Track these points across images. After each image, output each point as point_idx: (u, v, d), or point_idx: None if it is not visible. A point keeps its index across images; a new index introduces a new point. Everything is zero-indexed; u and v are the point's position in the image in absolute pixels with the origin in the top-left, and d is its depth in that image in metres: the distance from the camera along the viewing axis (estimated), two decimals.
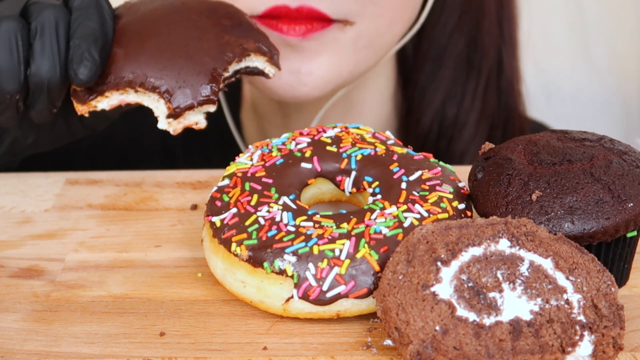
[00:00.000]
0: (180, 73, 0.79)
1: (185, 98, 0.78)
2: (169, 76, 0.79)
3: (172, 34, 0.81)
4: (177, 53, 0.80)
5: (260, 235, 0.70)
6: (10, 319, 0.71)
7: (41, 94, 0.79)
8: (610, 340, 0.63)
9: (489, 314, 0.64)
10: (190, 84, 0.79)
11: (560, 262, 0.66)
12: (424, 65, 1.12)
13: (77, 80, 0.78)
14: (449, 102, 1.12)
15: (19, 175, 0.91)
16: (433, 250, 0.66)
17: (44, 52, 0.78)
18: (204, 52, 0.80)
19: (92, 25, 0.79)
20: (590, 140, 0.74)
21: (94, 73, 0.78)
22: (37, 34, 0.78)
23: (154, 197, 0.87)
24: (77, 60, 0.78)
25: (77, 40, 0.78)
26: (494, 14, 1.11)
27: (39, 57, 0.78)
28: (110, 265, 0.77)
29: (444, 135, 1.12)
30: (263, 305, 0.70)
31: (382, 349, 0.67)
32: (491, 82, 1.13)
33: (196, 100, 0.78)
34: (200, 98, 0.79)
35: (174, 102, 0.78)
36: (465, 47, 1.11)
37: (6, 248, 0.80)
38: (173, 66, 0.79)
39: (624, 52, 1.56)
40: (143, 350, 0.68)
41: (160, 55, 0.80)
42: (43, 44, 0.78)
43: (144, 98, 0.80)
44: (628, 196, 0.69)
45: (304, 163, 0.77)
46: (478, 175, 0.75)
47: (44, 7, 0.79)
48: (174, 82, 0.79)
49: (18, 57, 0.78)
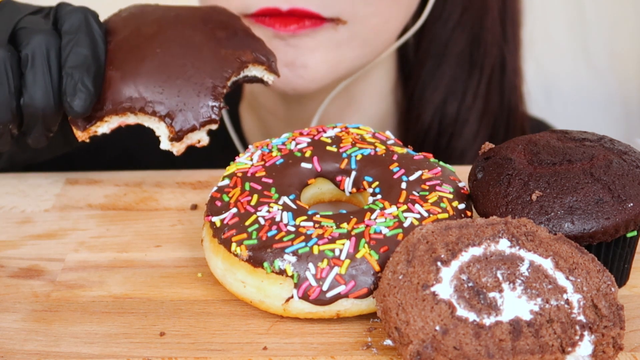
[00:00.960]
0: (180, 95, 0.78)
1: (187, 120, 0.78)
2: (168, 99, 0.78)
3: (167, 53, 0.79)
4: (174, 74, 0.78)
5: (260, 235, 0.70)
6: (10, 319, 0.71)
7: (36, 123, 0.78)
8: (610, 340, 0.63)
9: (489, 314, 0.64)
10: (191, 105, 0.78)
11: (560, 262, 0.66)
12: (425, 62, 1.12)
13: (72, 113, 0.77)
14: (449, 99, 1.12)
15: (19, 175, 0.91)
16: (433, 250, 0.66)
17: (36, 82, 0.76)
18: (202, 71, 0.79)
19: (83, 52, 0.77)
20: (590, 140, 0.74)
21: (89, 104, 0.77)
22: (28, 63, 0.76)
23: (154, 197, 0.87)
24: (70, 92, 0.76)
25: (69, 70, 0.76)
26: (496, 13, 1.11)
27: (31, 87, 0.76)
28: (110, 265, 0.77)
29: (444, 132, 1.12)
30: (263, 305, 0.70)
31: (382, 349, 0.67)
32: (494, 80, 1.13)
33: (198, 121, 0.78)
34: (202, 119, 0.78)
35: (175, 125, 0.77)
36: (468, 44, 1.11)
37: (6, 248, 0.80)
38: (172, 88, 0.78)
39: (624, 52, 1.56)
40: (143, 350, 0.68)
41: (158, 77, 0.78)
42: (35, 74, 0.76)
43: (144, 119, 0.79)
44: (628, 196, 0.69)
45: (304, 163, 0.77)
46: (478, 175, 0.75)
47: (33, 33, 0.77)
48: (174, 105, 0.78)
49: (9, 87, 0.76)
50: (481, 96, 1.12)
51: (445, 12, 1.11)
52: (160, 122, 0.78)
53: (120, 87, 0.78)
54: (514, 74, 1.14)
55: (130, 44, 0.80)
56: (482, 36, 1.11)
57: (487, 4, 1.11)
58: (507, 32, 1.13)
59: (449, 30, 1.11)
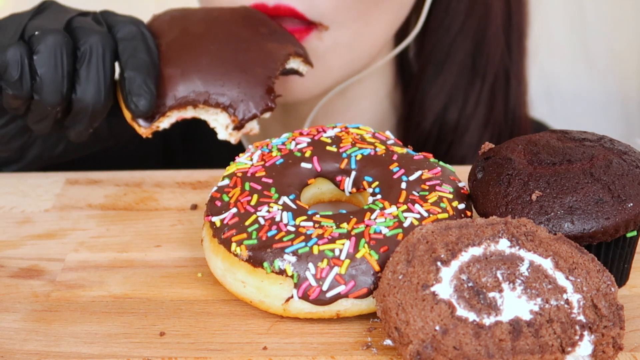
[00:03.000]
0: (240, 87, 0.84)
1: (249, 109, 0.84)
2: (230, 91, 0.84)
3: (220, 49, 0.85)
4: (231, 67, 0.85)
5: (260, 235, 0.70)
6: (10, 319, 0.71)
7: (84, 118, 0.83)
8: (610, 340, 0.63)
9: (489, 314, 0.64)
10: (251, 95, 0.84)
11: (560, 262, 0.66)
12: (427, 69, 1.12)
13: (138, 112, 0.82)
14: (450, 107, 1.12)
15: (19, 175, 0.91)
16: (433, 250, 0.66)
17: (89, 79, 0.81)
18: (254, 64, 0.85)
19: (143, 57, 0.83)
20: (590, 140, 0.74)
21: (152, 104, 0.82)
22: (84, 60, 0.81)
23: (154, 197, 0.87)
24: (135, 93, 0.82)
25: (131, 73, 0.82)
26: (500, 21, 1.11)
27: (84, 83, 0.81)
28: (110, 265, 0.77)
29: (443, 139, 1.12)
30: (263, 305, 0.70)
31: (382, 349, 0.67)
32: (497, 89, 1.12)
33: (258, 110, 0.84)
34: (262, 107, 0.84)
35: (238, 114, 0.84)
36: (470, 52, 1.11)
37: (6, 248, 0.80)
38: (231, 81, 0.84)
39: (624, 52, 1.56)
40: (143, 350, 0.68)
41: (217, 71, 0.84)
42: (89, 71, 0.81)
43: (202, 112, 0.85)
44: (628, 196, 0.69)
45: (304, 163, 0.77)
46: (478, 175, 0.75)
47: (91, 33, 0.82)
48: (235, 96, 0.84)
49: (62, 71, 0.81)
50: (483, 104, 1.12)
51: (447, 19, 1.11)
52: (221, 112, 0.84)
53: (182, 83, 0.84)
54: (519, 82, 1.14)
55: (182, 43, 0.85)
56: (485, 44, 1.11)
57: (490, 13, 1.10)
58: (512, 41, 1.13)
59: (451, 37, 1.11)
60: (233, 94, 0.84)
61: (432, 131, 1.12)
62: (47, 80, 0.80)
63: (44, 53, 0.80)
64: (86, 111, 0.82)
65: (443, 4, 1.10)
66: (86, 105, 0.82)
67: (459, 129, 1.12)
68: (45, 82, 0.80)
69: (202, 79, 0.84)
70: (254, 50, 0.86)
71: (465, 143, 1.11)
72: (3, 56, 0.80)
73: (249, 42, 0.87)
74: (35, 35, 0.81)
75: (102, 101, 0.82)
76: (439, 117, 1.12)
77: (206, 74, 0.84)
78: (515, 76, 1.13)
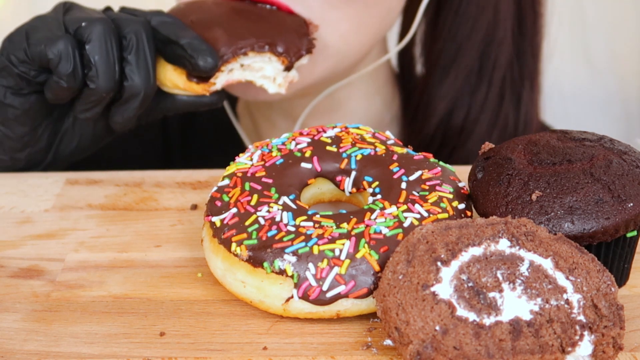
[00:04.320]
0: (281, 34, 0.90)
1: (294, 48, 0.90)
2: (274, 38, 0.90)
3: (250, 13, 0.92)
4: (267, 22, 0.91)
5: (260, 235, 0.70)
6: (10, 319, 0.71)
7: (136, 102, 0.86)
8: (610, 340, 0.63)
9: (489, 314, 0.64)
10: (291, 39, 0.91)
11: (560, 262, 0.66)
12: (433, 73, 1.12)
13: (207, 69, 0.86)
14: (455, 111, 1.11)
15: (19, 175, 0.91)
16: (433, 250, 0.66)
17: (139, 64, 0.85)
18: (286, 20, 0.92)
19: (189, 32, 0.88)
20: (590, 140, 0.74)
21: (217, 59, 0.86)
22: (132, 46, 0.85)
23: (154, 197, 0.87)
24: (200, 52, 0.86)
25: (187, 39, 0.86)
26: (509, 25, 1.10)
27: (136, 68, 0.85)
28: (110, 265, 0.77)
29: (447, 144, 1.12)
30: (263, 305, 0.70)
31: (382, 349, 0.67)
32: (506, 93, 1.12)
33: (304, 49, 0.91)
34: (305, 47, 0.91)
35: (287, 56, 0.90)
36: (477, 56, 1.11)
37: (6, 248, 0.80)
38: (272, 30, 0.90)
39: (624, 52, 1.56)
40: (143, 350, 0.68)
41: (257, 25, 0.91)
42: (139, 56, 0.85)
43: (247, 74, 0.90)
44: (628, 196, 0.69)
45: (304, 163, 0.77)
46: (478, 175, 0.75)
47: (132, 22, 0.86)
48: (281, 40, 0.90)
49: (113, 57, 0.84)
50: (489, 108, 1.11)
51: (455, 23, 1.10)
52: (270, 60, 0.90)
53: (229, 38, 0.89)
54: (532, 87, 1.13)
55: (211, 16, 0.91)
56: (492, 49, 1.10)
57: (498, 17, 1.10)
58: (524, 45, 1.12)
59: (459, 41, 1.10)
60: (277, 40, 0.90)
61: (436, 135, 1.12)
62: (102, 68, 0.84)
63: (96, 41, 0.83)
64: (138, 96, 0.86)
65: (452, 8, 1.10)
66: (138, 90, 0.86)
67: (463, 134, 1.12)
68: (100, 69, 0.84)
69: (247, 31, 0.89)
70: (278, 15, 0.93)
71: (469, 147, 1.11)
72: (55, 49, 0.83)
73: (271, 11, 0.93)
74: (82, 26, 0.84)
75: (151, 85, 0.86)
76: (444, 121, 1.12)
77: (247, 28, 0.90)
78: (529, 79, 1.13)
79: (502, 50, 1.10)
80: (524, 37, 1.12)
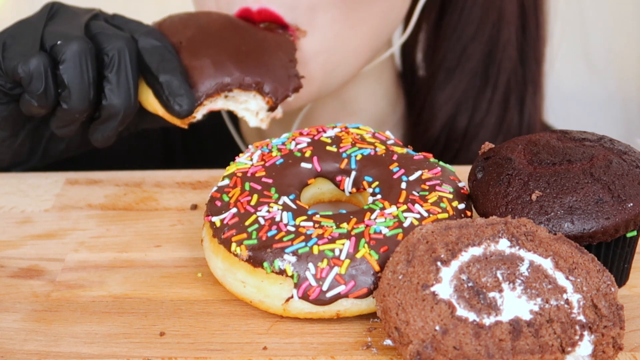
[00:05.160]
0: (269, 70, 0.87)
1: (281, 90, 0.87)
2: (262, 75, 0.86)
3: (241, 41, 0.88)
4: (259, 54, 0.88)
5: (260, 235, 0.70)
6: (10, 319, 0.71)
7: (115, 121, 0.83)
8: (610, 340, 0.63)
9: (489, 313, 0.64)
10: (279, 77, 0.87)
11: (560, 262, 0.66)
12: (437, 75, 1.11)
13: (183, 113, 0.83)
14: (460, 114, 1.11)
15: (19, 175, 0.91)
16: (433, 250, 0.66)
17: (119, 83, 0.82)
18: (276, 51, 0.89)
19: (173, 60, 0.84)
20: (590, 140, 0.74)
21: (193, 103, 0.83)
22: (113, 65, 0.82)
23: (154, 197, 0.87)
24: (177, 95, 0.83)
25: (167, 77, 0.83)
26: (513, 28, 1.10)
27: (115, 87, 0.82)
28: (110, 265, 0.77)
29: (451, 146, 1.12)
30: (263, 305, 0.70)
31: (382, 349, 0.67)
32: (511, 97, 1.12)
33: (290, 90, 0.87)
34: (292, 86, 0.88)
35: (273, 96, 0.86)
36: (481, 59, 1.10)
37: (6, 248, 0.80)
38: (260, 65, 0.87)
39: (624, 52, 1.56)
40: (143, 350, 0.68)
41: (246, 57, 0.87)
42: (119, 75, 0.82)
43: (230, 103, 0.86)
44: (628, 196, 0.69)
45: (304, 163, 0.77)
46: (478, 175, 0.75)
47: (115, 38, 0.83)
48: (268, 79, 0.87)
49: (88, 78, 0.81)
50: (494, 112, 1.11)
51: (460, 26, 1.10)
52: (254, 97, 0.86)
53: (215, 70, 0.85)
54: (535, 90, 1.13)
55: (203, 38, 0.88)
56: (497, 51, 1.10)
57: (503, 20, 1.09)
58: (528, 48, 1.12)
59: (464, 44, 1.10)
60: (265, 77, 0.86)
61: (440, 138, 1.12)
62: (75, 89, 0.81)
63: (70, 62, 0.80)
64: (117, 116, 0.83)
65: (457, 10, 1.09)
66: (117, 110, 0.82)
67: (467, 137, 1.11)
68: (72, 90, 0.81)
69: (233, 64, 0.86)
70: (270, 41, 0.90)
71: (473, 151, 1.11)
72: (26, 68, 0.80)
73: (264, 36, 0.90)
74: (58, 44, 0.81)
75: (132, 105, 0.83)
76: (448, 124, 1.11)
77: (236, 60, 0.86)
78: (532, 83, 1.12)
79: (506, 54, 1.10)
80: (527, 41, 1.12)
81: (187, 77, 0.84)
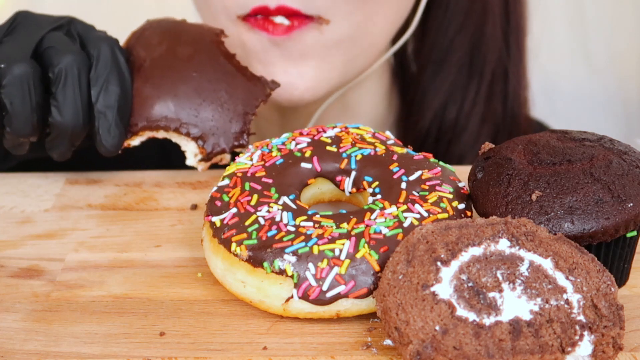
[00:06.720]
0: (214, 120, 0.83)
1: (219, 144, 0.84)
2: (202, 123, 0.83)
3: (203, 78, 0.84)
4: (209, 99, 0.84)
5: (260, 235, 0.70)
6: (10, 319, 0.71)
7: (65, 139, 0.82)
8: (610, 340, 0.63)
9: (489, 313, 0.64)
10: (223, 130, 0.83)
11: (560, 262, 0.66)
12: (425, 68, 1.12)
13: (106, 151, 0.82)
14: (449, 105, 1.12)
15: (19, 175, 0.91)
16: (433, 250, 0.66)
17: (66, 102, 0.80)
18: (235, 98, 0.84)
19: (115, 91, 0.82)
20: (590, 140, 0.74)
21: (120, 144, 0.82)
22: (60, 82, 0.80)
23: (153, 197, 0.87)
24: (105, 132, 0.82)
25: (103, 109, 0.82)
26: (498, 20, 1.11)
27: (62, 106, 0.80)
28: (110, 265, 0.77)
29: (442, 138, 1.13)
30: (263, 305, 0.70)
31: (382, 349, 0.67)
32: (495, 88, 1.13)
33: (228, 146, 0.84)
34: (233, 144, 0.84)
35: (207, 147, 0.83)
36: (468, 51, 1.11)
37: (6, 248, 0.80)
38: (206, 113, 0.83)
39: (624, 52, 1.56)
40: (143, 350, 0.68)
41: (194, 100, 0.83)
42: (66, 93, 0.81)
43: (173, 136, 0.84)
44: (628, 196, 0.69)
45: (304, 163, 0.77)
46: (478, 175, 0.75)
47: (64, 53, 0.81)
48: (207, 129, 0.83)
49: (31, 102, 0.80)
50: (481, 102, 1.12)
51: (446, 19, 1.11)
52: (191, 141, 0.83)
53: (157, 106, 0.83)
54: (518, 81, 1.14)
55: (166, 64, 0.85)
56: (483, 43, 1.11)
57: (487, 11, 1.11)
58: (510, 40, 1.13)
59: (450, 36, 1.11)
60: (205, 127, 0.83)
61: (431, 130, 1.13)
62: (16, 114, 0.80)
63: (11, 87, 0.79)
64: (66, 133, 0.82)
65: (442, 3, 1.10)
66: (64, 127, 0.81)
67: (458, 128, 1.12)
68: (14, 115, 0.80)
69: (177, 106, 0.83)
70: (236, 84, 0.85)
71: (464, 141, 1.12)
72: None
73: (234, 74, 0.86)
74: (1, 68, 0.80)
75: (81, 122, 0.81)
76: (438, 115, 1.12)
77: (182, 102, 0.83)
78: (514, 75, 1.13)
79: (491, 45, 1.11)
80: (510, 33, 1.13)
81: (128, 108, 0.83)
